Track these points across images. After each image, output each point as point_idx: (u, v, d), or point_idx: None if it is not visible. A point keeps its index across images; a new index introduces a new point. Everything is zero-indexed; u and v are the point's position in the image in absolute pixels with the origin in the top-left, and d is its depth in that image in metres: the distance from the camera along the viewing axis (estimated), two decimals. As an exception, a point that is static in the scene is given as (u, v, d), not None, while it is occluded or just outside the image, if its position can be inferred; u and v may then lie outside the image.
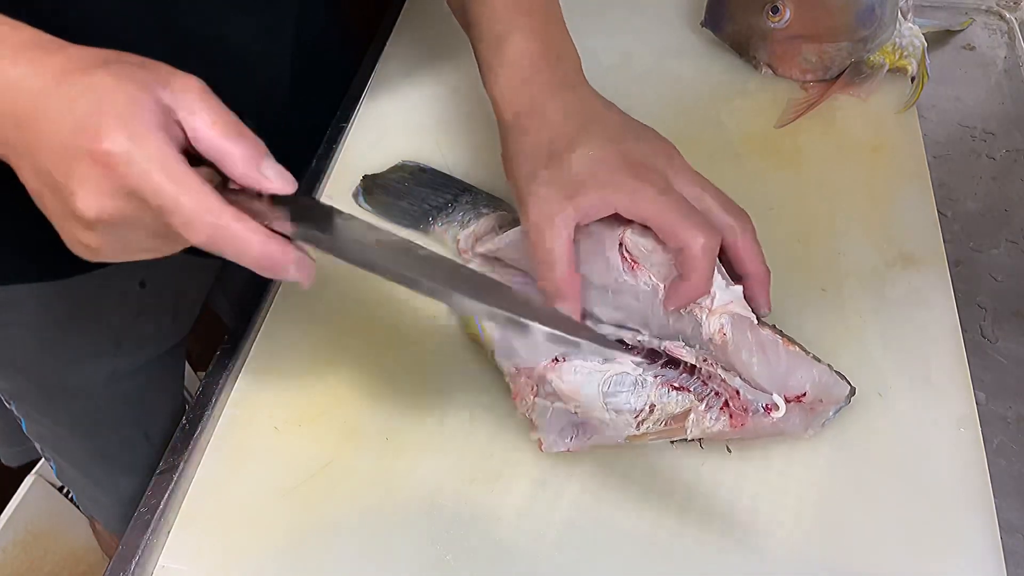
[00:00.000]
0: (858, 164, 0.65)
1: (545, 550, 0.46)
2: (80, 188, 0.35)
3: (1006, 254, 0.61)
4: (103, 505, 0.85)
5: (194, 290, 0.73)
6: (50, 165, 0.35)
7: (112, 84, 0.35)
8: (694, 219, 0.46)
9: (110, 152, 0.34)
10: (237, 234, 0.36)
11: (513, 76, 0.52)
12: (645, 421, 0.47)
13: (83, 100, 0.35)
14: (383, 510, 0.48)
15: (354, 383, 0.53)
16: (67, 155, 0.35)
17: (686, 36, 0.76)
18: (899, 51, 0.69)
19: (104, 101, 0.35)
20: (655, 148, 0.49)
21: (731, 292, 0.48)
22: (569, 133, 0.49)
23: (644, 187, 0.46)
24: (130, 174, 0.34)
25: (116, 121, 0.34)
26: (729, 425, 0.46)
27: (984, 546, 0.45)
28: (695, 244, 0.45)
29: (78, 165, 0.34)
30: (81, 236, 0.37)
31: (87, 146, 0.34)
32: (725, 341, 0.47)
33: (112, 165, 0.34)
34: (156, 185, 0.34)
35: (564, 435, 0.48)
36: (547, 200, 0.47)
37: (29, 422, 0.74)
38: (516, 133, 0.51)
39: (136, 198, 0.35)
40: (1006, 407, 0.53)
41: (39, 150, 0.35)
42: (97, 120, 0.34)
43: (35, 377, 0.69)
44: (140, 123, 0.35)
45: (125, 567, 0.47)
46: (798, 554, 0.45)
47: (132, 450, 0.77)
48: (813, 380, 0.47)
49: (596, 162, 0.47)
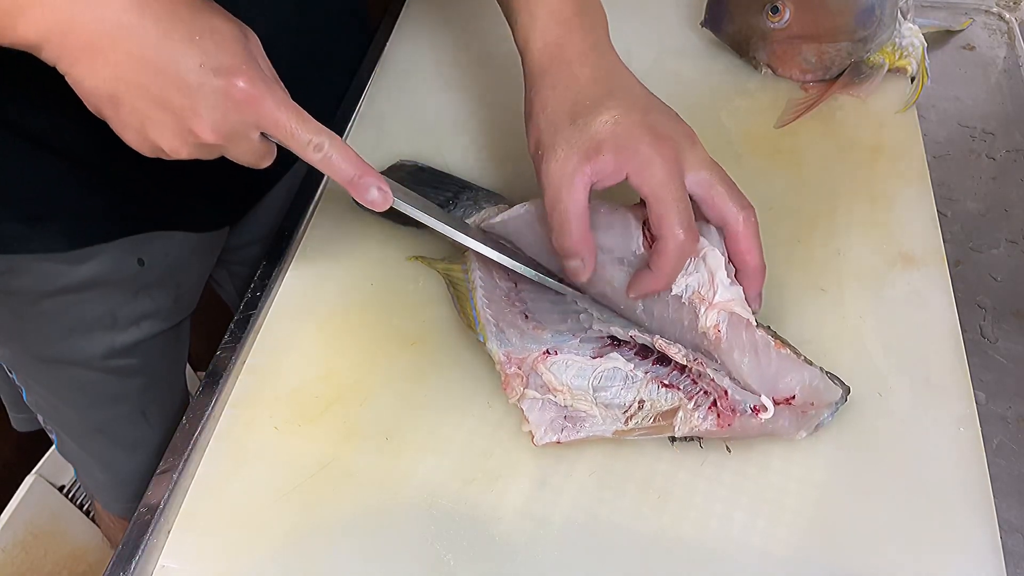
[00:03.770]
0: (858, 164, 0.65)
1: (545, 550, 0.46)
2: (207, 113, 0.42)
3: (1006, 254, 0.61)
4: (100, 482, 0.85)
5: (195, 271, 0.73)
6: (169, 90, 0.41)
7: (231, 31, 0.43)
8: (684, 216, 0.47)
9: (249, 92, 0.42)
10: (341, 154, 0.45)
11: (545, 34, 0.52)
12: (634, 416, 0.47)
13: (211, 41, 0.42)
14: (383, 510, 0.48)
15: (354, 383, 0.53)
16: (196, 85, 0.41)
17: (686, 36, 0.76)
18: (899, 51, 0.69)
19: (231, 44, 0.42)
20: (678, 126, 0.50)
21: (733, 290, 0.48)
22: (595, 95, 0.50)
23: (657, 161, 0.47)
24: (263, 112, 0.43)
25: (247, 65, 0.43)
26: (716, 424, 0.46)
27: (984, 546, 0.45)
28: (672, 240, 0.46)
29: (207, 96, 0.42)
30: (172, 146, 0.44)
31: (219, 82, 0.42)
32: (719, 337, 0.47)
33: (247, 101, 0.42)
34: (280, 119, 0.43)
35: (554, 427, 0.48)
36: (566, 158, 0.48)
37: (29, 392, 0.75)
38: (542, 88, 0.52)
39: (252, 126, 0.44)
40: (1006, 407, 0.53)
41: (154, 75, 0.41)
42: (231, 62, 0.42)
43: (32, 347, 0.69)
44: (261, 68, 0.44)
45: (125, 567, 0.47)
46: (798, 554, 0.45)
47: (130, 428, 0.77)
48: (803, 383, 0.47)
49: (618, 126, 0.48)
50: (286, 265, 0.60)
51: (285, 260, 0.61)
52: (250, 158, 0.46)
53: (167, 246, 0.67)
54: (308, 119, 0.44)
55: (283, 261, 0.61)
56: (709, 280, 0.48)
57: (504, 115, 0.69)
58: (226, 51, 0.42)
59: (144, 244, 0.65)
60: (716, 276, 0.48)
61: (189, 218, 0.67)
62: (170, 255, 0.68)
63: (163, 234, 0.65)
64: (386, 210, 0.47)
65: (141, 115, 0.43)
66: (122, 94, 0.42)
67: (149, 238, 0.64)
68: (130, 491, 0.82)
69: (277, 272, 0.60)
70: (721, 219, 0.49)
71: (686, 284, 0.49)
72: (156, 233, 0.65)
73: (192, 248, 0.70)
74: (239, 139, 0.44)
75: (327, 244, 0.61)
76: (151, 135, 0.43)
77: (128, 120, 0.43)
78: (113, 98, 0.42)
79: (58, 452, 0.84)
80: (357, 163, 0.46)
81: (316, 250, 0.61)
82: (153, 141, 0.44)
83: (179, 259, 0.69)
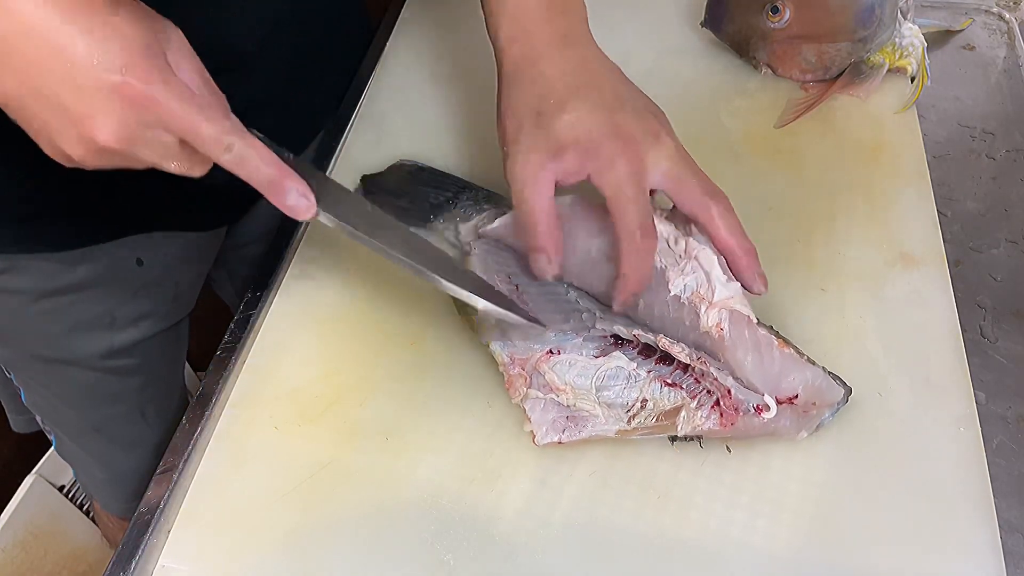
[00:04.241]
0: (858, 164, 0.64)
1: (545, 550, 0.46)
2: (103, 117, 0.38)
3: (1006, 254, 0.61)
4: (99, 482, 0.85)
5: (194, 271, 0.73)
6: (64, 93, 0.38)
7: (133, 29, 0.39)
8: (640, 216, 0.47)
9: (143, 90, 0.38)
10: (256, 153, 0.42)
11: (514, 26, 0.52)
12: (636, 416, 0.47)
13: (107, 39, 0.38)
14: (383, 510, 0.48)
15: (354, 383, 0.53)
16: (89, 87, 0.38)
17: (686, 36, 0.76)
18: (899, 51, 0.69)
19: (129, 42, 0.38)
20: (644, 124, 0.50)
21: (731, 287, 0.48)
22: (561, 93, 0.49)
23: (617, 161, 0.47)
24: (162, 109, 0.39)
25: (145, 62, 0.39)
26: (719, 423, 0.46)
27: (984, 546, 0.45)
28: (628, 239, 0.47)
29: (101, 97, 0.38)
30: (78, 154, 0.40)
31: (112, 81, 0.38)
32: (722, 336, 0.47)
33: (142, 101, 0.38)
34: (182, 116, 0.39)
35: (556, 427, 0.48)
36: (529, 159, 0.49)
37: (28, 392, 0.75)
38: (509, 86, 0.52)
39: (156, 127, 0.40)
40: (1006, 407, 0.53)
41: (49, 78, 0.38)
42: (127, 60, 0.38)
43: (31, 347, 0.69)
44: (163, 66, 0.40)
45: (125, 567, 0.47)
46: (798, 554, 0.45)
47: (128, 427, 0.77)
48: (806, 383, 0.47)
49: (581, 127, 0.48)
50: (286, 265, 0.60)
51: (285, 260, 0.61)
52: (172, 165, 0.42)
53: (166, 246, 0.67)
54: (216, 115, 0.40)
55: (283, 261, 0.61)
56: (706, 279, 0.48)
57: (504, 115, 0.69)
58: (120, 47, 0.38)
59: (143, 244, 0.65)
60: (712, 275, 0.48)
61: (187, 218, 0.67)
62: (169, 255, 0.68)
63: (162, 234, 0.65)
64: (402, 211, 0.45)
65: (45, 123, 0.40)
66: (26, 100, 0.39)
67: (148, 238, 0.65)
68: (128, 490, 0.82)
69: (277, 272, 0.60)
70: (692, 211, 0.49)
71: (684, 284, 0.49)
72: (155, 233, 0.65)
73: (191, 248, 0.70)
74: (147, 143, 0.40)
75: (327, 243, 0.61)
76: (58, 143, 0.40)
77: (37, 128, 0.40)
78: (20, 106, 0.39)
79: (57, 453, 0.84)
80: (274, 164, 0.43)
81: (316, 249, 0.61)
82: (62, 150, 0.40)
83: (178, 259, 0.69)
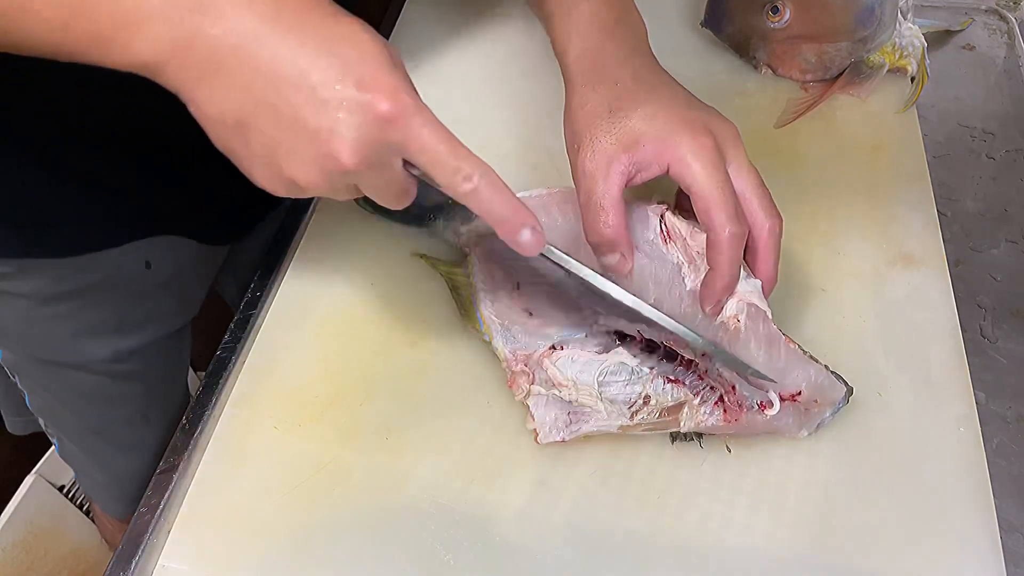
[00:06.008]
0: (858, 164, 0.65)
1: (545, 550, 0.46)
2: (348, 132, 0.36)
3: (1006, 254, 0.61)
4: (100, 484, 0.85)
5: (200, 275, 0.73)
6: (303, 107, 0.36)
7: (372, 39, 0.37)
8: (731, 207, 0.46)
9: (394, 108, 0.36)
10: (493, 189, 0.39)
11: (583, 42, 0.52)
12: (639, 412, 0.47)
13: (347, 50, 0.36)
14: (383, 510, 0.48)
15: (354, 383, 0.53)
16: (333, 101, 0.36)
17: (686, 36, 0.76)
18: (899, 51, 0.69)
19: (372, 55, 0.36)
20: (721, 124, 0.49)
21: (751, 283, 0.48)
22: (636, 92, 0.49)
23: (700, 152, 0.46)
24: (411, 132, 0.37)
25: (390, 78, 0.36)
26: (723, 420, 0.46)
27: (984, 546, 0.45)
28: (722, 230, 0.45)
29: (346, 113, 0.36)
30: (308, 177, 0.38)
31: (364, 96, 0.36)
32: (738, 329, 0.47)
33: (392, 119, 0.36)
34: (433, 144, 0.37)
35: (558, 424, 0.48)
36: (603, 149, 0.47)
37: (31, 395, 0.75)
38: (581, 88, 0.50)
39: (394, 149, 0.37)
40: (1006, 407, 0.53)
41: (286, 92, 0.36)
42: (373, 73, 0.36)
43: (37, 350, 0.69)
44: (408, 83, 0.37)
45: (125, 567, 0.47)
46: (798, 554, 0.45)
47: (131, 430, 0.77)
48: (809, 380, 0.47)
49: (658, 119, 0.47)
50: (286, 265, 0.60)
51: (285, 259, 0.61)
52: (388, 193, 0.40)
53: (174, 250, 0.67)
54: (459, 144, 0.39)
55: (283, 260, 0.61)
56: None
57: (505, 113, 0.69)
58: (368, 62, 0.36)
59: (151, 247, 0.65)
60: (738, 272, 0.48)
61: (196, 229, 0.67)
62: (177, 259, 0.68)
63: (170, 239, 0.65)
64: (402, 211, 0.43)
65: (272, 143, 0.37)
66: (250, 119, 0.37)
67: (156, 241, 0.64)
68: (128, 493, 0.82)
69: (277, 272, 0.60)
70: (748, 223, 0.48)
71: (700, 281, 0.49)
72: (163, 237, 0.65)
73: (198, 254, 0.70)
74: (380, 166, 0.38)
75: (327, 244, 0.61)
76: (283, 166, 0.38)
77: (258, 151, 0.38)
78: (241, 125, 0.37)
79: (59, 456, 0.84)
80: (510, 200, 0.40)
81: (316, 249, 0.61)
82: (286, 174, 0.38)
83: (185, 263, 0.69)
